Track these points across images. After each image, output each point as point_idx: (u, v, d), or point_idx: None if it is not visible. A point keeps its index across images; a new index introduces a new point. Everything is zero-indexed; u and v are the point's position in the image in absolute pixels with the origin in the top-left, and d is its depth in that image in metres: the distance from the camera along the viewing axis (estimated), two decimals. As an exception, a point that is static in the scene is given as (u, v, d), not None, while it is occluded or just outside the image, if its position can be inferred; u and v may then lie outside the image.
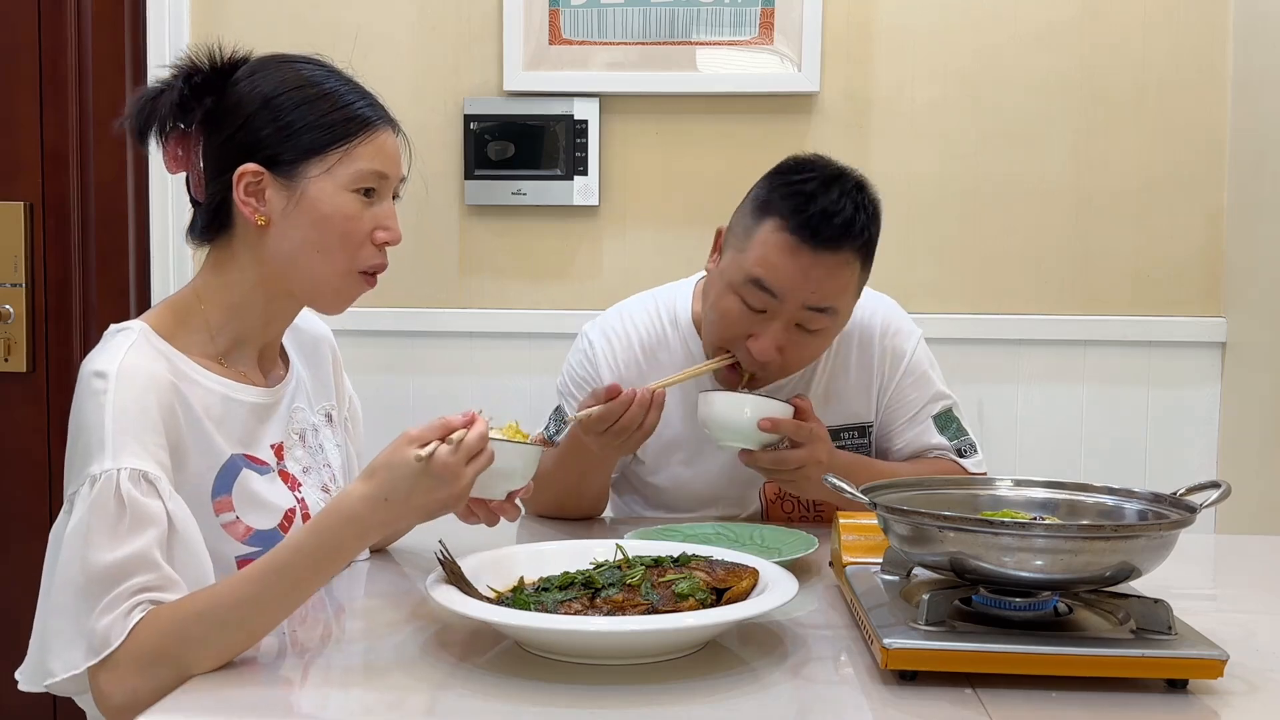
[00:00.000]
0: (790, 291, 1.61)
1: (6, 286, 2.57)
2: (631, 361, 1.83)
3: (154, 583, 1.15)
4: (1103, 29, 2.48)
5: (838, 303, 1.64)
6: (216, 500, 1.30)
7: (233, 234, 1.35)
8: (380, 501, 1.15)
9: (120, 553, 1.14)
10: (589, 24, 2.49)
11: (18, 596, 1.42)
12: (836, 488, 1.24)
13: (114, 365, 1.23)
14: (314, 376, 1.52)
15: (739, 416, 1.60)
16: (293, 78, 1.33)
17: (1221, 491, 1.18)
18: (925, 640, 1.08)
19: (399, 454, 1.15)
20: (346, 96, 1.34)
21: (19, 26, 2.56)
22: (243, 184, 1.31)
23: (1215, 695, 1.07)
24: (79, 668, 1.12)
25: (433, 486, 1.15)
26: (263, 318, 1.38)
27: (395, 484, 1.15)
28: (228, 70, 1.34)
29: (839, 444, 1.81)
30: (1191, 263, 2.51)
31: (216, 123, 1.33)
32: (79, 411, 1.23)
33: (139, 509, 1.17)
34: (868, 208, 1.65)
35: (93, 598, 1.13)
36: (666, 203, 2.55)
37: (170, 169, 1.38)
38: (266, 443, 1.39)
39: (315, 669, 1.18)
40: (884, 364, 1.82)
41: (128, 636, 1.11)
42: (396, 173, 1.37)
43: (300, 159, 1.31)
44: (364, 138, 1.33)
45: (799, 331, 1.64)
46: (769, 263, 1.60)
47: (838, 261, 1.61)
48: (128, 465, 1.18)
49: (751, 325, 1.64)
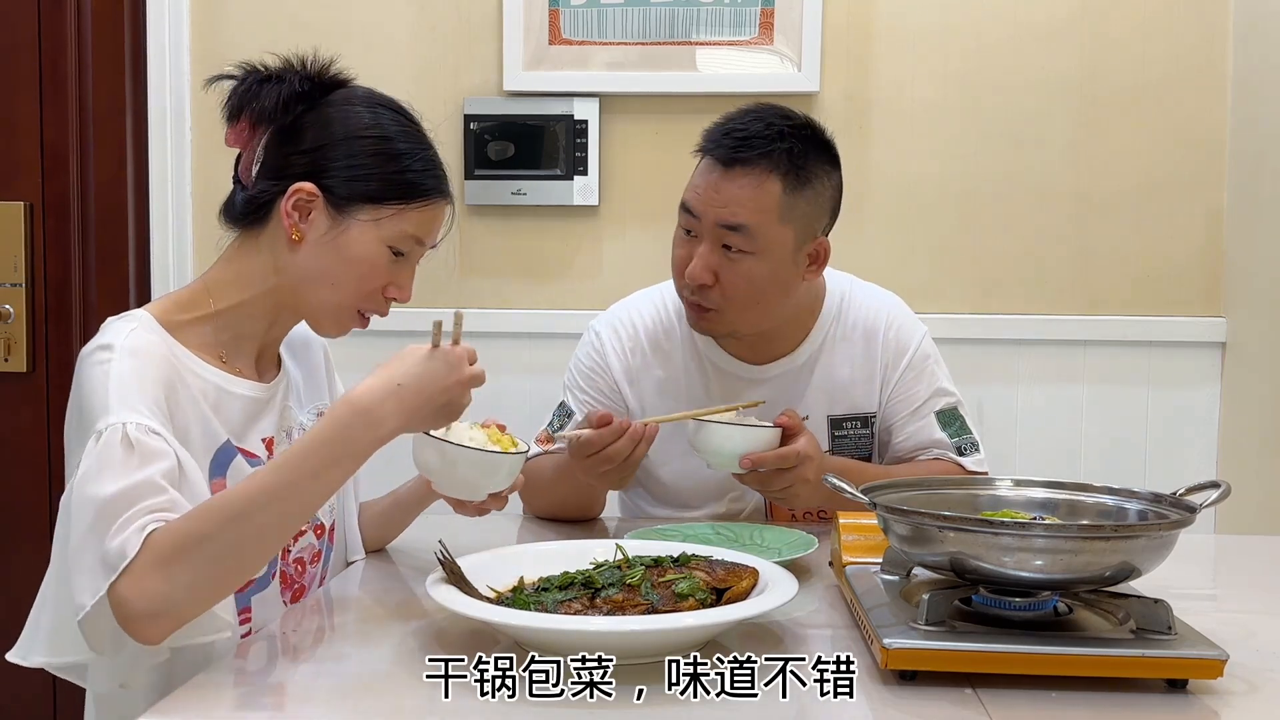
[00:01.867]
0: (705, 208, 1.69)
1: (6, 286, 2.57)
2: (638, 350, 1.86)
3: (165, 504, 1.15)
4: (1103, 29, 2.48)
5: (749, 220, 1.67)
6: (213, 481, 1.32)
7: (261, 233, 1.38)
8: (393, 387, 1.20)
9: (130, 480, 1.15)
10: (589, 24, 2.49)
11: (19, 595, 1.42)
12: (836, 488, 1.25)
13: (118, 340, 1.25)
14: (307, 377, 1.55)
15: (727, 447, 1.61)
16: (378, 125, 1.38)
17: (1221, 491, 1.18)
18: (925, 640, 1.08)
19: (408, 350, 1.23)
20: (419, 163, 1.39)
21: (19, 26, 2.56)
22: (294, 198, 1.34)
23: (1215, 695, 1.07)
24: (101, 589, 1.11)
25: (441, 372, 1.22)
26: (267, 320, 1.41)
27: (406, 369, 1.21)
28: (329, 87, 1.39)
29: (843, 433, 1.83)
30: (1191, 263, 2.51)
31: (295, 132, 1.37)
32: (80, 386, 1.25)
33: (146, 447, 1.18)
34: (785, 128, 1.69)
35: (105, 523, 1.13)
36: (666, 203, 2.52)
37: (229, 143, 1.40)
38: (258, 436, 1.41)
39: (314, 669, 1.18)
40: (887, 357, 1.84)
41: (142, 546, 1.11)
42: (431, 241, 1.43)
43: (357, 200, 1.35)
44: (420, 205, 1.38)
45: (726, 256, 1.69)
46: (692, 185, 1.72)
47: (749, 179, 1.66)
48: (133, 419, 1.19)
49: (689, 255, 1.71)
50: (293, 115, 1.36)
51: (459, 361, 1.25)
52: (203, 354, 1.35)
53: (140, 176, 2.58)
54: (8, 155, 2.57)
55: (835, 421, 1.83)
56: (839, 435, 1.84)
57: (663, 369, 1.85)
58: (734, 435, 1.61)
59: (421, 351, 1.23)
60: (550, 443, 1.83)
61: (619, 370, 1.85)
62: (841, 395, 1.83)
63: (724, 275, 1.69)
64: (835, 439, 1.84)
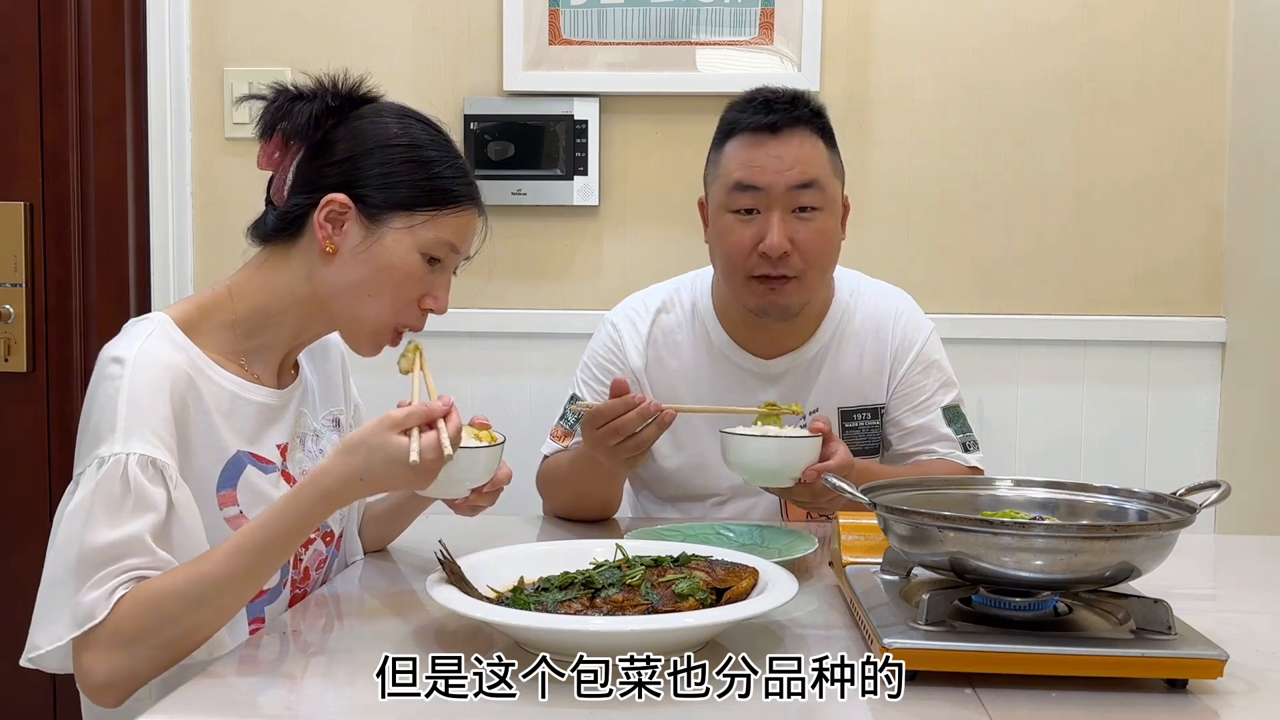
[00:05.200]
0: (772, 176, 1.70)
1: (6, 286, 2.57)
2: (653, 342, 1.88)
3: (146, 565, 1.18)
4: (1103, 28, 2.48)
5: (818, 174, 1.71)
6: (221, 494, 1.33)
7: (294, 246, 1.38)
8: (356, 480, 1.20)
9: (117, 534, 1.17)
10: (589, 24, 2.49)
11: (19, 595, 1.42)
12: (836, 488, 1.25)
13: (131, 352, 1.26)
14: (323, 382, 1.55)
15: (768, 461, 1.53)
16: (408, 134, 1.39)
17: (1221, 491, 1.18)
18: (925, 640, 1.08)
19: (381, 437, 1.19)
20: (450, 170, 1.39)
21: (19, 27, 2.56)
22: (327, 209, 1.34)
23: (1215, 695, 1.07)
24: (62, 639, 1.15)
25: (411, 478, 1.22)
26: (293, 329, 1.41)
27: (373, 466, 1.19)
28: (358, 102, 1.40)
29: (853, 424, 1.86)
30: (1191, 263, 2.51)
31: (326, 146, 1.37)
32: (94, 394, 1.26)
33: (142, 493, 1.19)
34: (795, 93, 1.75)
35: (84, 574, 1.15)
36: (666, 203, 2.55)
37: (261, 165, 1.41)
38: (272, 442, 1.41)
39: (314, 669, 1.18)
40: (896, 350, 1.86)
41: (110, 613, 1.14)
42: (465, 250, 1.44)
43: (389, 208, 1.36)
44: (452, 211, 1.39)
45: (798, 219, 1.71)
46: (741, 163, 1.72)
47: (800, 137, 1.71)
48: (137, 450, 1.20)
49: (756, 232, 1.71)
50: (323, 131, 1.37)
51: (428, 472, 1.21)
52: (221, 358, 1.35)
53: (140, 176, 2.58)
54: (8, 156, 2.57)
55: (846, 414, 1.85)
56: (849, 427, 1.85)
57: (676, 362, 1.86)
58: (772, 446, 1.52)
59: (398, 454, 1.18)
60: (567, 439, 1.83)
61: (636, 361, 1.86)
62: (851, 387, 1.85)
63: (800, 238, 1.71)
64: (846, 430, 1.85)
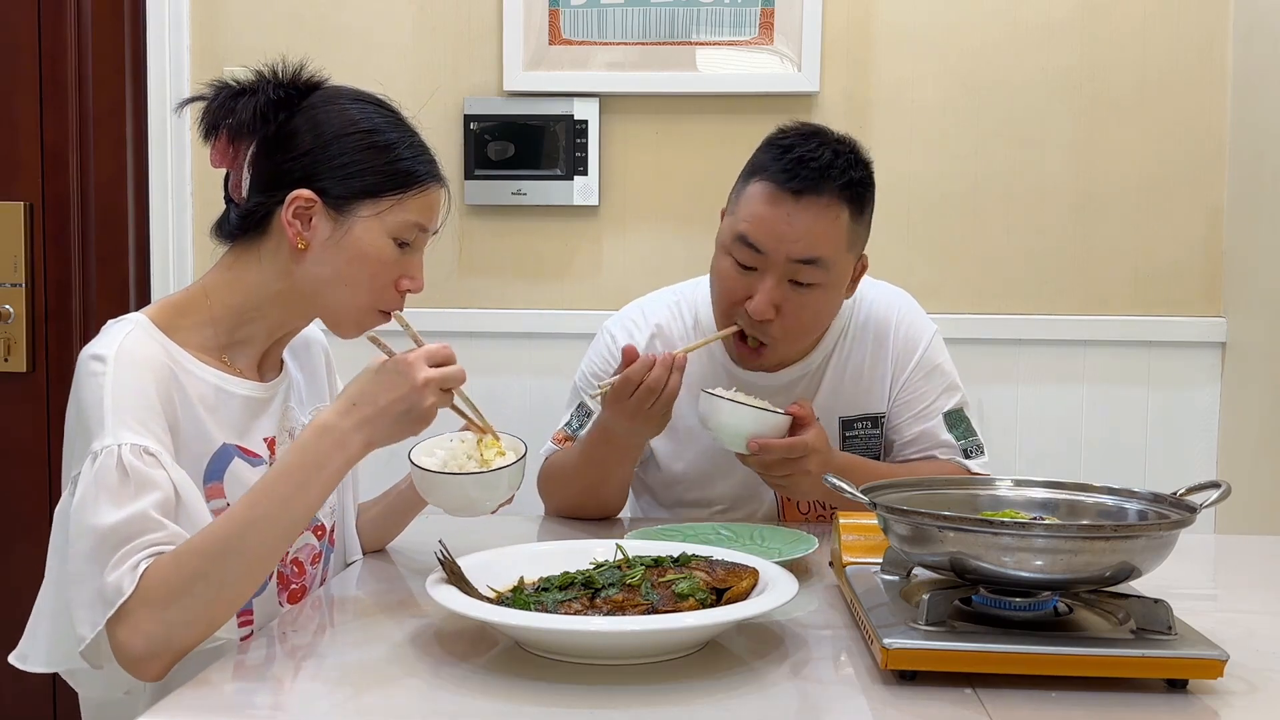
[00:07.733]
0: (775, 243, 1.62)
1: (6, 286, 2.57)
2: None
3: (160, 539, 1.17)
4: (1103, 27, 2.48)
5: (824, 253, 1.63)
6: (208, 486, 1.32)
7: (261, 243, 1.38)
8: (349, 406, 1.24)
9: (126, 512, 1.17)
10: (589, 24, 2.49)
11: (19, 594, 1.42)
12: (836, 487, 1.24)
13: (112, 349, 1.25)
14: (308, 378, 1.55)
15: (736, 425, 1.61)
16: (363, 119, 1.38)
17: (1221, 491, 1.18)
18: (925, 640, 1.08)
19: (378, 362, 1.27)
20: (409, 150, 1.39)
21: (19, 27, 2.56)
22: (293, 206, 1.34)
23: (1215, 695, 1.07)
24: (101, 624, 1.14)
25: (391, 382, 1.24)
26: (271, 324, 1.41)
27: (360, 387, 1.25)
28: (305, 91, 1.39)
29: (853, 433, 1.83)
30: (1191, 262, 2.51)
31: (281, 139, 1.36)
32: (78, 395, 1.25)
33: (141, 476, 1.19)
34: (850, 156, 1.66)
35: (103, 557, 1.15)
36: (666, 203, 2.55)
37: (215, 163, 1.40)
38: (259, 435, 1.41)
39: (314, 669, 1.18)
40: (897, 356, 1.84)
41: (137, 584, 1.14)
42: (434, 227, 1.43)
43: (355, 197, 1.35)
44: (417, 191, 1.38)
45: (793, 288, 1.65)
46: (753, 216, 1.64)
47: (820, 208, 1.62)
48: (128, 440, 1.20)
49: (749, 286, 1.66)
50: (274, 124, 1.35)
51: (409, 368, 1.25)
52: (202, 355, 1.35)
53: (140, 176, 2.58)
54: (8, 155, 2.58)
55: (846, 423, 1.83)
56: (850, 435, 1.84)
57: None
58: (744, 415, 1.60)
59: (373, 365, 1.27)
60: (569, 441, 1.83)
61: None
62: (853, 396, 1.83)
63: (787, 308, 1.66)
64: (846, 439, 1.84)
